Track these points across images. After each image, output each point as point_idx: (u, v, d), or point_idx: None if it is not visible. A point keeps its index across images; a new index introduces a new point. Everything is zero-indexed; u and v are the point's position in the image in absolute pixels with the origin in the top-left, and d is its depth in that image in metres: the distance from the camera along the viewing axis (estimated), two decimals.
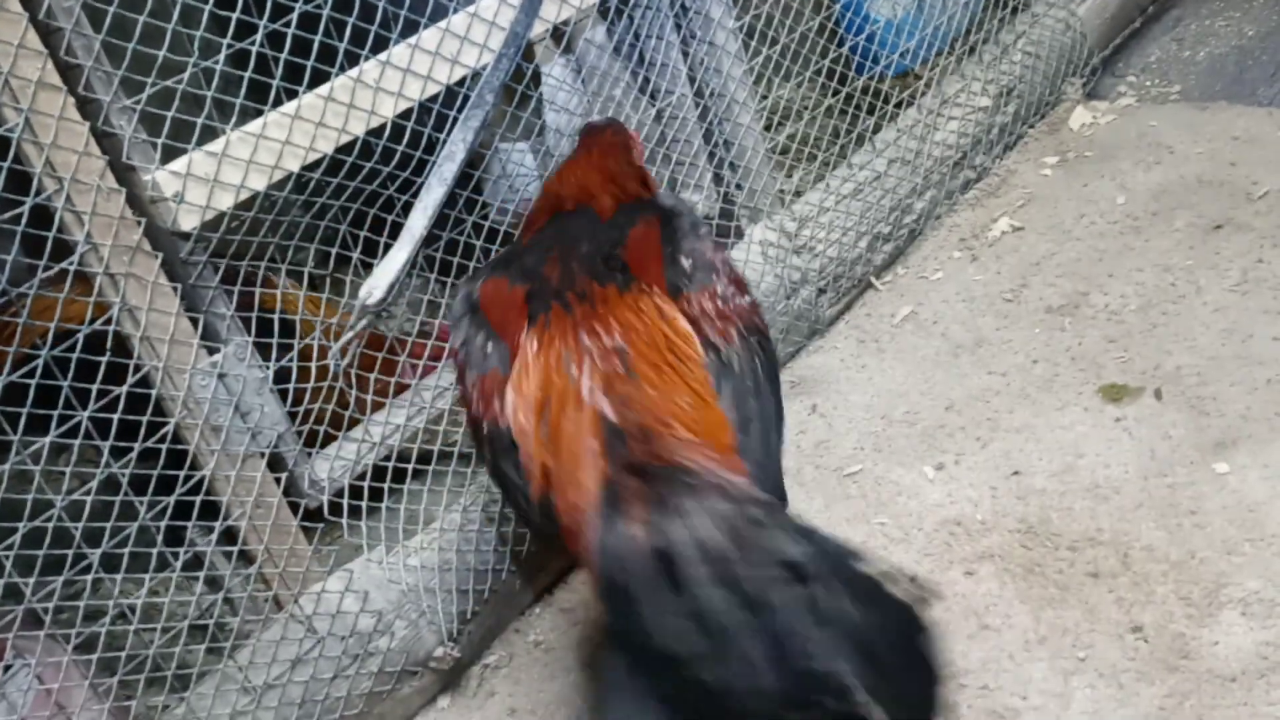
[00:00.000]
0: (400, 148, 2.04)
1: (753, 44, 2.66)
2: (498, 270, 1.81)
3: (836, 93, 2.91)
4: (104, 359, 1.72)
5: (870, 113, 2.95)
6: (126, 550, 1.78)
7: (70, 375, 1.67)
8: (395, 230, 2.05)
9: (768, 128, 2.84)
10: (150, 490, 1.82)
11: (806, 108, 2.92)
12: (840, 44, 2.91)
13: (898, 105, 3.03)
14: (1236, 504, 2.06)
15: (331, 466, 2.06)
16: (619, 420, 1.53)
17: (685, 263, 1.75)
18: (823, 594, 1.30)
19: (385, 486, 2.11)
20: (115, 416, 1.74)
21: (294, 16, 1.88)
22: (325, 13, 1.92)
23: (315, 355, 2.04)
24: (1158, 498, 2.12)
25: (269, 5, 1.85)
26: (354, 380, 2.08)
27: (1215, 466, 2.14)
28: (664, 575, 1.33)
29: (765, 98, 2.75)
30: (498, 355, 1.70)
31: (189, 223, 1.81)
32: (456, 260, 2.20)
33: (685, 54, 2.56)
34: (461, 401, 1.79)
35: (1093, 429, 2.31)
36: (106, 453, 1.75)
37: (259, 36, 1.85)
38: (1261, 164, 2.92)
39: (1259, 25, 3.58)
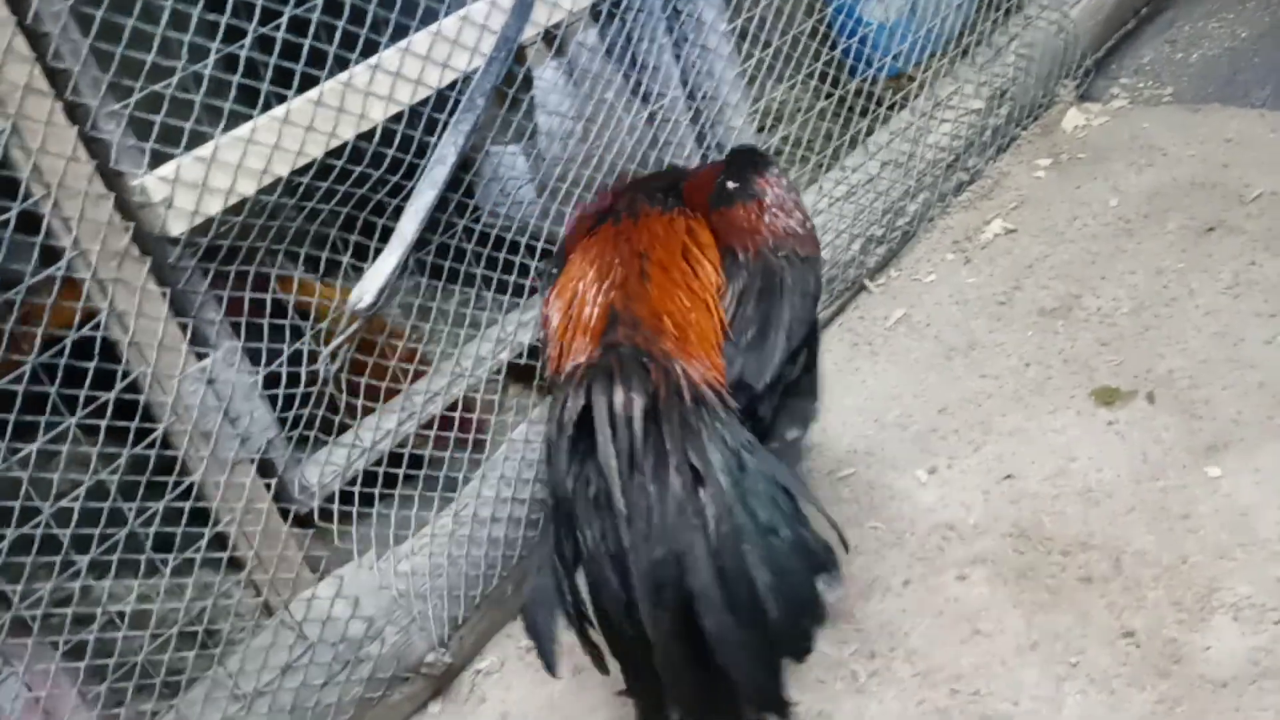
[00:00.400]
0: (390, 152, 2.03)
1: (745, 47, 2.66)
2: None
3: (829, 95, 2.90)
4: (92, 364, 1.72)
5: (863, 115, 2.95)
6: (115, 556, 1.78)
7: (58, 381, 1.67)
8: (386, 234, 2.04)
9: (760, 130, 2.84)
10: (139, 496, 1.81)
11: (799, 110, 2.92)
12: (833, 47, 2.90)
13: (890, 108, 3.03)
14: (1228, 508, 2.06)
15: (322, 472, 2.05)
16: (620, 310, 1.73)
17: (730, 186, 1.93)
18: (710, 502, 1.48)
19: (376, 491, 2.11)
20: (103, 423, 1.73)
21: (283, 20, 1.87)
22: (315, 17, 1.91)
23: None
24: (1150, 502, 2.11)
25: (258, 9, 1.84)
26: (344, 384, 2.08)
27: (1207, 470, 2.14)
28: (577, 433, 1.55)
29: (758, 100, 2.75)
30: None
31: (178, 227, 1.80)
32: (448, 264, 2.19)
33: (678, 57, 2.56)
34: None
35: (1085, 432, 2.31)
36: (95, 459, 1.74)
37: (248, 40, 1.84)
38: (1254, 166, 2.92)
39: (1252, 27, 3.59)
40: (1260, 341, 2.39)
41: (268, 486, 1.97)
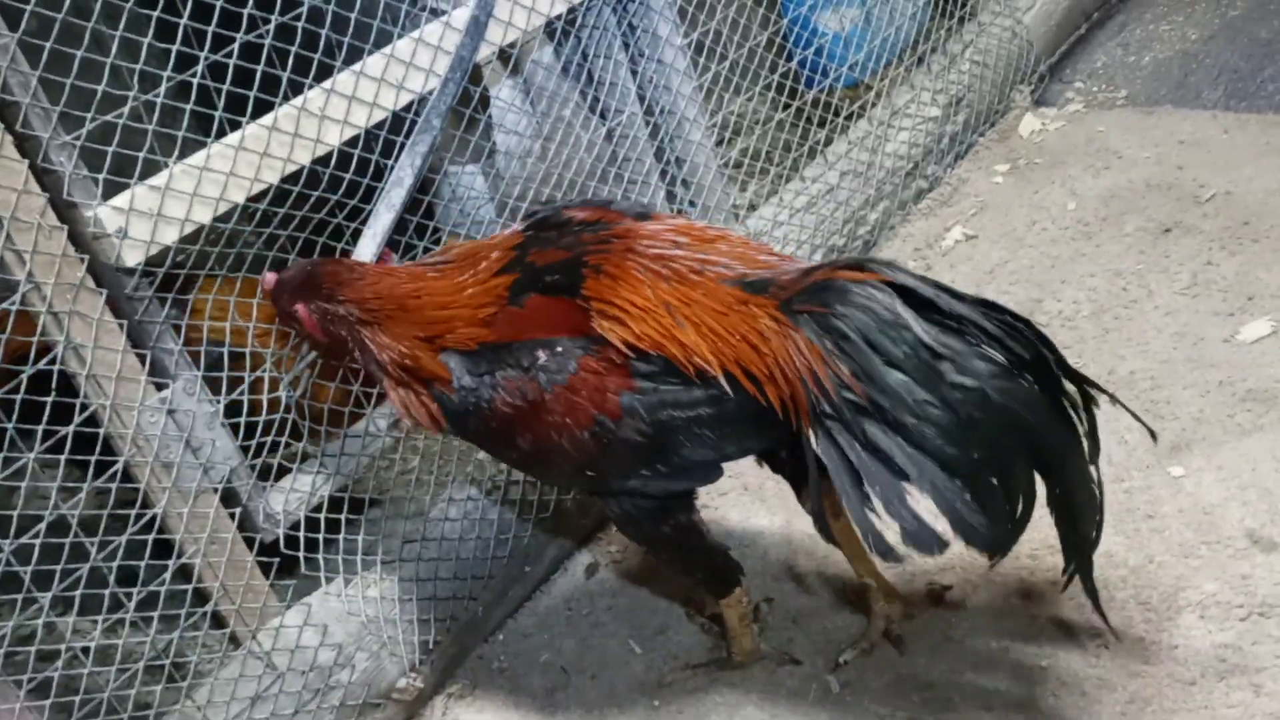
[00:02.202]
0: (348, 175, 2.02)
1: (701, 60, 2.67)
2: (491, 319, 1.76)
3: (787, 107, 2.92)
4: (49, 399, 1.70)
5: (821, 125, 2.96)
6: (79, 592, 1.75)
7: (15, 416, 1.65)
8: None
9: (719, 143, 2.84)
10: (101, 530, 1.79)
11: (757, 122, 2.93)
12: (789, 58, 2.92)
13: (848, 117, 3.05)
14: (1192, 506, 2.08)
15: (287, 499, 2.04)
16: (737, 277, 1.69)
17: (623, 206, 1.87)
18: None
19: (343, 518, 2.09)
20: (62, 457, 1.71)
21: (235, 47, 1.86)
22: (267, 42, 1.90)
23: None
24: (1115, 503, 2.12)
25: (209, 36, 1.83)
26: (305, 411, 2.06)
27: (1170, 470, 2.16)
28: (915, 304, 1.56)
29: (716, 113, 2.75)
30: (574, 346, 1.71)
31: (133, 258, 1.78)
32: None
33: (634, 72, 2.56)
34: (540, 442, 1.75)
35: None
36: (54, 494, 1.72)
37: (199, 68, 1.83)
38: (1208, 166, 2.95)
39: (1201, 29, 3.63)
40: (1219, 340, 2.41)
41: (232, 516, 1.95)
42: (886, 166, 3.06)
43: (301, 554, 2.02)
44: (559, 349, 1.71)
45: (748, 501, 2.38)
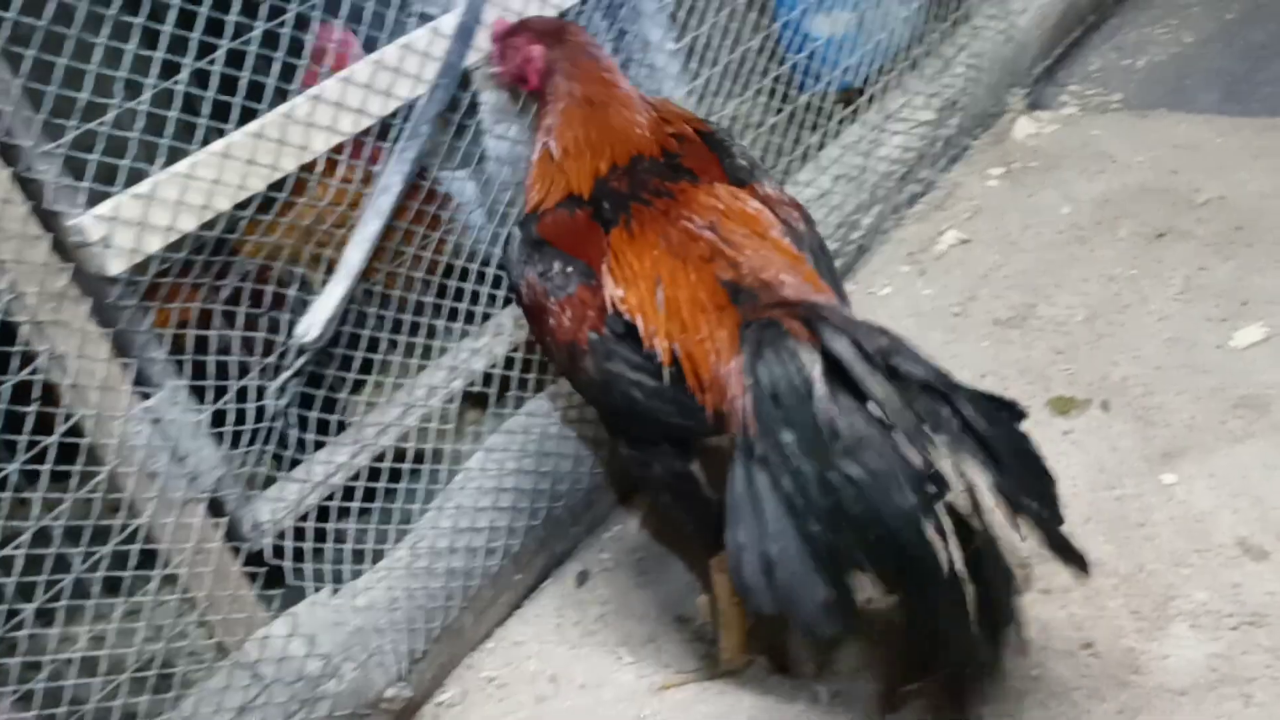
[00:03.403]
0: (334, 183, 2.01)
1: (693, 65, 2.66)
2: (546, 214, 1.91)
3: (780, 111, 2.91)
4: (32, 409, 1.69)
5: (814, 130, 2.95)
6: (63, 602, 1.75)
7: None
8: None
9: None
10: (88, 540, 1.78)
11: (750, 126, 2.92)
12: (781, 63, 2.91)
13: (841, 122, 3.04)
14: (1184, 514, 2.07)
15: (273, 508, 2.03)
16: (735, 279, 1.72)
17: (742, 162, 1.95)
18: (949, 406, 1.53)
19: (330, 526, 2.08)
20: (47, 468, 1.70)
21: (220, 54, 1.85)
22: (252, 50, 1.89)
23: None
24: (1107, 511, 2.12)
25: (194, 43, 1.82)
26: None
27: (1162, 477, 2.15)
28: (835, 379, 1.54)
29: (712, 114, 2.74)
30: (579, 273, 1.82)
31: (117, 267, 1.77)
32: (397, 294, 2.17)
33: (625, 76, 2.54)
34: (541, 334, 1.89)
35: (1042, 442, 2.29)
36: (39, 505, 1.71)
37: (184, 75, 1.82)
38: (1202, 171, 2.95)
39: (1197, 33, 3.62)
40: (1212, 346, 2.40)
41: (218, 525, 1.94)
42: (880, 170, 3.05)
43: (289, 563, 2.01)
44: (570, 269, 1.82)
45: None
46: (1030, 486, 1.54)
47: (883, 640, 1.94)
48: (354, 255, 2.05)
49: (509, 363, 2.35)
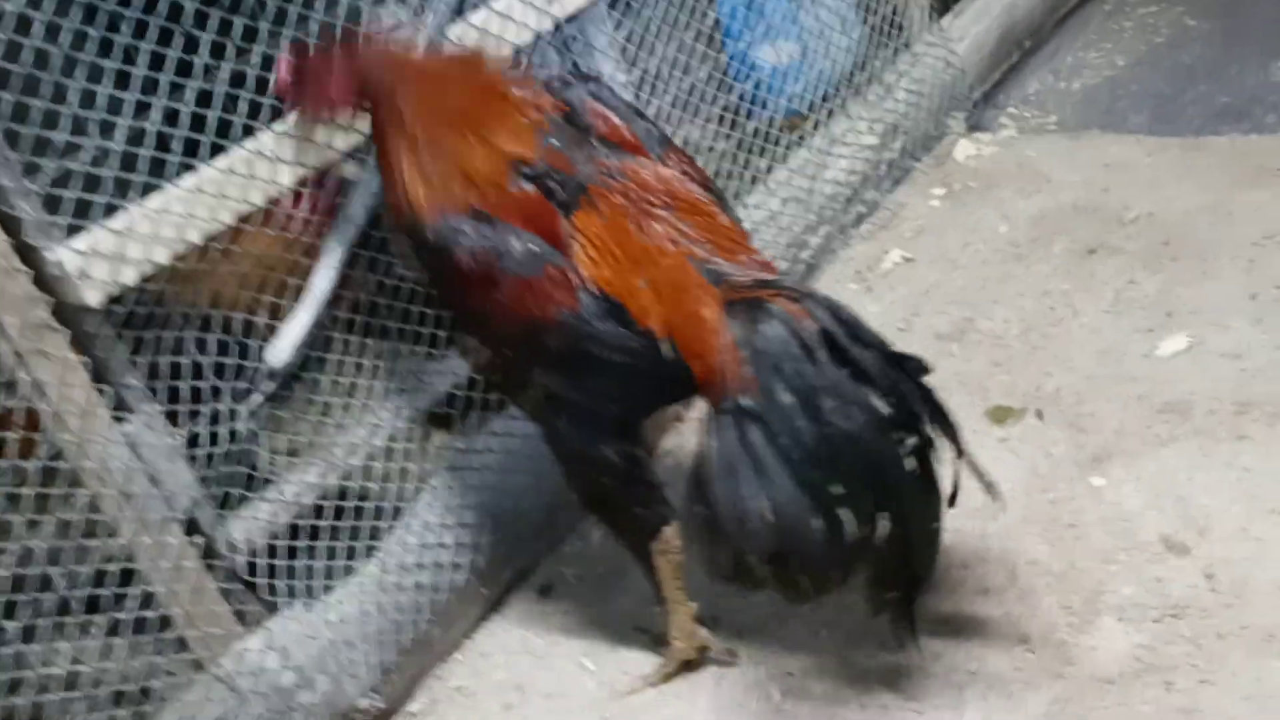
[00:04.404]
0: (301, 215, 2.10)
1: (644, 96, 2.77)
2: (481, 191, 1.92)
3: (729, 137, 3.03)
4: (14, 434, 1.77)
5: (762, 155, 3.07)
6: (47, 620, 1.82)
7: None
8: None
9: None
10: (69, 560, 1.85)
11: (701, 152, 3.03)
12: (730, 91, 3.03)
13: (788, 146, 3.16)
14: (1113, 515, 2.19)
15: (247, 527, 2.11)
16: (704, 259, 1.87)
17: (643, 131, 2.03)
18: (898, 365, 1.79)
19: (302, 544, 2.16)
20: (30, 491, 1.77)
21: (190, 94, 1.94)
22: (222, 89, 1.98)
23: None
24: (1041, 513, 2.24)
25: (165, 84, 1.90)
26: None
27: (1093, 480, 2.27)
28: (823, 344, 1.75)
29: None
30: (546, 252, 1.88)
31: (95, 298, 1.86)
32: (361, 319, 2.26)
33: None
34: (481, 307, 1.94)
35: (980, 450, 2.36)
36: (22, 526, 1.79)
37: (157, 114, 1.90)
38: (1132, 189, 3.09)
39: (1128, 56, 3.79)
40: (1139, 356, 2.53)
41: (194, 544, 2.02)
42: (826, 193, 3.18)
43: (262, 579, 2.09)
44: (533, 248, 1.88)
45: None
46: (946, 427, 1.83)
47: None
48: (320, 282, 2.14)
49: (471, 383, 2.44)
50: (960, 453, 1.81)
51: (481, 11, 2.33)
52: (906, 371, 1.78)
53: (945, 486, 1.83)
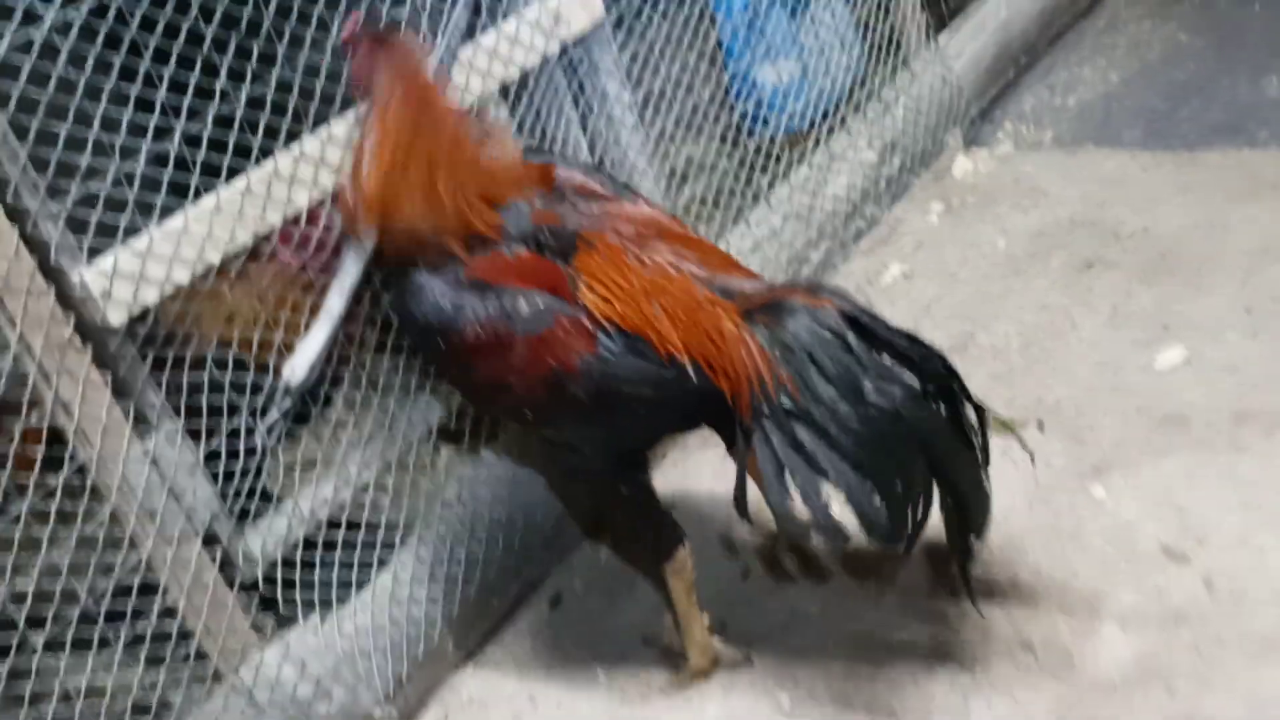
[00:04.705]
0: (316, 231, 2.15)
1: (649, 115, 2.82)
2: (470, 259, 1.92)
3: (731, 155, 3.08)
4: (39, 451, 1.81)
5: (764, 172, 3.12)
6: (70, 633, 1.86)
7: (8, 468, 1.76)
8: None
9: (668, 190, 2.99)
10: (90, 573, 1.89)
11: (704, 170, 3.08)
12: (732, 110, 3.08)
13: (789, 164, 3.21)
14: (1113, 524, 2.23)
15: (264, 541, 2.15)
16: (710, 279, 1.92)
17: (609, 181, 2.08)
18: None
19: (317, 557, 2.20)
20: (53, 507, 1.82)
21: (209, 118, 1.98)
22: (239, 111, 2.03)
23: None
24: (1042, 523, 2.28)
25: (184, 110, 1.95)
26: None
27: (1093, 491, 2.31)
28: (850, 327, 1.81)
29: (667, 159, 2.91)
30: (554, 305, 1.89)
31: (117, 318, 1.90)
32: (375, 336, 2.31)
33: (585, 128, 2.71)
34: (498, 374, 1.93)
35: None
36: (46, 541, 1.83)
37: (177, 138, 1.95)
38: (1127, 204, 3.14)
39: (1122, 71, 3.84)
40: (1137, 368, 2.58)
41: (213, 558, 2.06)
42: (827, 209, 3.23)
43: (279, 592, 2.13)
44: (540, 304, 1.89)
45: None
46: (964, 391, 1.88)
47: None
48: (335, 301, 2.18)
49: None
50: (980, 412, 1.88)
51: (490, 34, 2.37)
52: (924, 346, 1.84)
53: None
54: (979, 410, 1.88)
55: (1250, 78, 3.57)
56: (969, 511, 1.91)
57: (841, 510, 1.83)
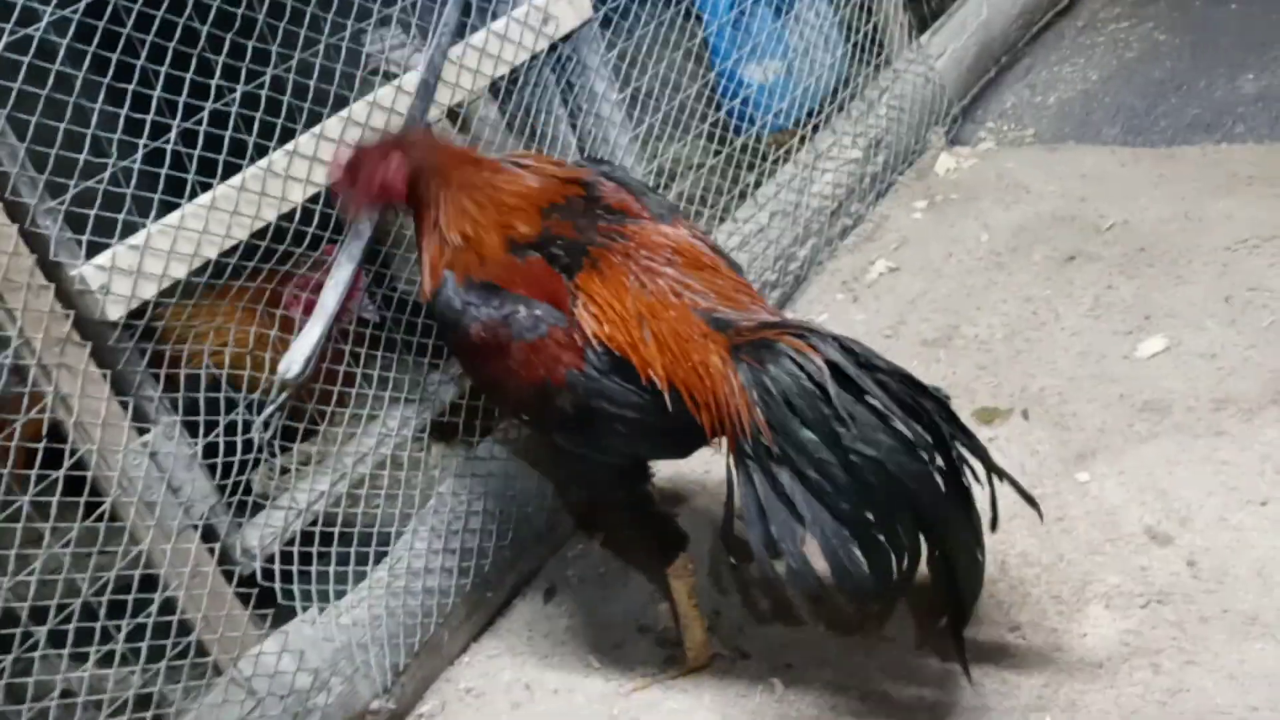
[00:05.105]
0: (310, 229, 2.17)
1: (636, 113, 2.85)
2: (485, 263, 1.97)
3: (718, 153, 3.11)
4: (41, 444, 1.83)
5: (750, 170, 3.16)
6: (71, 627, 1.87)
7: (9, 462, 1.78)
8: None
9: (655, 188, 3.02)
10: (91, 568, 1.91)
11: (691, 168, 3.12)
12: (718, 108, 3.12)
13: (775, 161, 3.25)
14: (1097, 508, 2.27)
15: (262, 534, 2.17)
16: (709, 309, 1.90)
17: (653, 202, 2.08)
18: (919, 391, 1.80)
19: (314, 550, 2.22)
20: (54, 500, 1.83)
21: (204, 115, 2.01)
22: (234, 110, 2.05)
23: None
24: (1029, 508, 2.31)
25: (180, 106, 1.98)
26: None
27: (1077, 476, 2.36)
28: (834, 378, 1.76)
29: (652, 160, 2.94)
30: (549, 315, 1.91)
31: (115, 312, 1.92)
32: (369, 332, 2.33)
33: (573, 125, 2.74)
34: (497, 376, 1.97)
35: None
36: (48, 534, 1.85)
37: (173, 135, 1.97)
38: (1107, 198, 3.19)
39: (1101, 70, 3.90)
40: (1119, 357, 2.62)
41: (211, 551, 2.08)
42: (813, 206, 3.27)
43: (277, 585, 2.15)
44: (538, 312, 1.91)
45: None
46: (974, 445, 1.83)
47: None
48: (329, 297, 2.21)
49: (475, 393, 2.51)
50: (991, 469, 1.81)
51: (481, 33, 2.41)
52: (928, 394, 1.79)
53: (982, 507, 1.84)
54: (989, 465, 1.81)
55: (1226, 75, 3.63)
56: (956, 574, 1.87)
57: (819, 559, 1.78)
